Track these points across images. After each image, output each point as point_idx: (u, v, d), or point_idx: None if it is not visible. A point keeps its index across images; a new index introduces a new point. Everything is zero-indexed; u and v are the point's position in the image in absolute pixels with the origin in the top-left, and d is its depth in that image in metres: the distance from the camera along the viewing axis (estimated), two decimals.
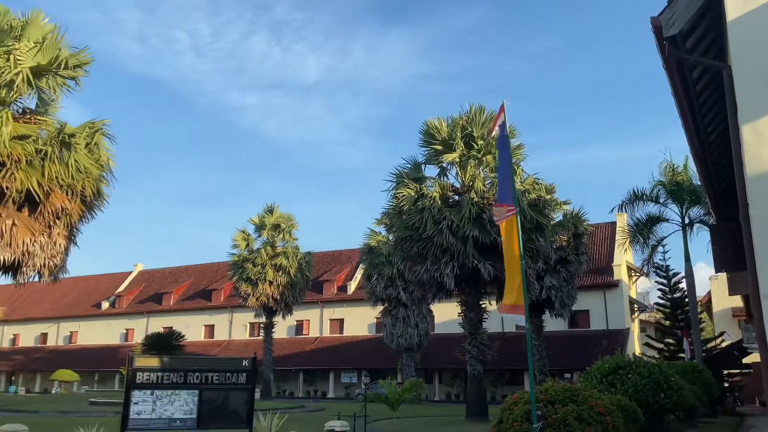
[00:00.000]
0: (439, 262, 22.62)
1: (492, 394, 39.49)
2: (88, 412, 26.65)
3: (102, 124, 18.45)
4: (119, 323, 62.65)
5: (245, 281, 41.71)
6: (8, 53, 16.82)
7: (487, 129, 23.34)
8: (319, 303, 53.37)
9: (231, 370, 13.75)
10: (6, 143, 16.06)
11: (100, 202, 19.10)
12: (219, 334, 57.27)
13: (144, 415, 12.97)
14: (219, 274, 60.56)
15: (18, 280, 18.55)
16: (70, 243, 18.80)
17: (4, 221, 16.67)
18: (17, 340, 68.38)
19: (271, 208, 43.79)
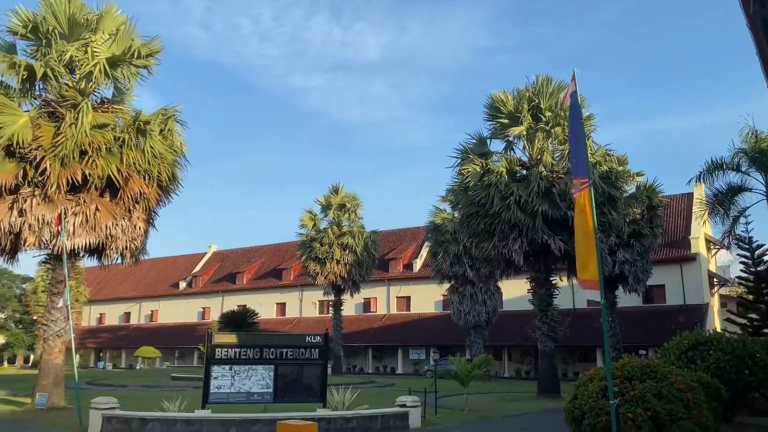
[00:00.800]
0: (507, 238, 22.31)
1: (563, 371, 38.88)
2: (170, 386, 28.09)
3: (174, 110, 19.11)
4: (196, 302, 65.38)
5: (313, 260, 42.56)
6: (85, 46, 17.61)
7: (555, 100, 22.66)
8: (386, 281, 53.84)
9: (304, 345, 14.15)
10: (87, 132, 16.89)
11: (175, 186, 19.87)
12: (290, 311, 58.84)
13: (223, 389, 13.56)
14: (288, 254, 62.01)
15: (102, 262, 19.65)
16: (149, 226, 19.69)
17: (88, 206, 17.62)
18: (103, 318, 72.62)
19: (337, 188, 44.31)
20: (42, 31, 17.50)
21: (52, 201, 17.08)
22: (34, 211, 16.83)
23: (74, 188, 17.48)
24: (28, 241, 17.13)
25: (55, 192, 16.93)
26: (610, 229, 23.60)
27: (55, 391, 17.58)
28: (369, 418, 13.19)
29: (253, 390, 13.66)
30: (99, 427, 12.72)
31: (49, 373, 17.84)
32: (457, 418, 16.04)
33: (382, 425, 13.27)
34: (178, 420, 12.46)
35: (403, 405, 13.91)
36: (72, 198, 17.50)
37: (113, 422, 12.71)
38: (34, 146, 16.66)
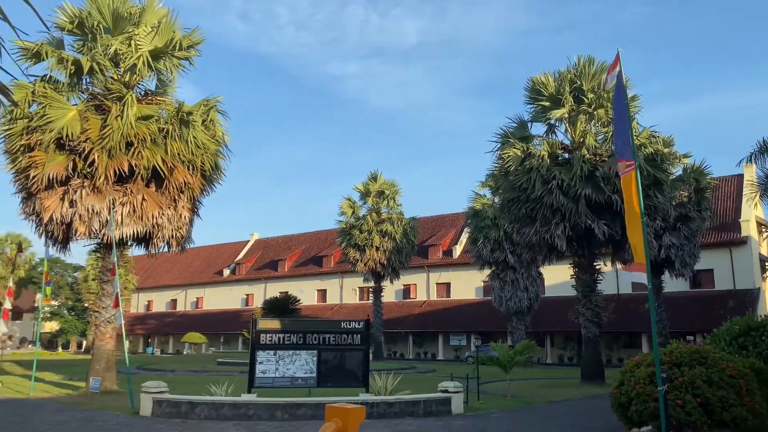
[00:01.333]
0: (549, 223, 21.99)
1: (607, 357, 38.30)
2: (216, 371, 28.80)
3: (215, 101, 19.40)
4: (239, 289, 66.67)
5: (353, 247, 42.85)
6: (129, 39, 18.00)
7: (598, 81, 22.13)
8: (425, 267, 53.83)
9: (346, 331, 14.29)
10: (132, 124, 17.31)
11: (218, 176, 20.22)
12: (330, 298, 59.46)
13: (269, 373, 13.82)
14: (329, 241, 62.53)
15: (150, 251, 20.20)
16: (194, 215, 20.11)
17: (135, 197, 18.11)
18: (151, 305, 74.77)
19: (375, 175, 44.38)
20: (87, 26, 17.96)
21: (101, 192, 17.61)
22: (84, 202, 17.39)
23: (121, 179, 17.98)
24: (79, 230, 17.72)
25: (104, 183, 17.44)
26: (655, 213, 23.03)
27: (107, 375, 18.23)
28: (411, 403, 13.27)
29: (297, 375, 13.89)
30: (150, 410, 13.14)
31: (102, 358, 18.50)
32: (500, 403, 16.00)
33: (425, 410, 13.33)
34: (226, 404, 12.77)
35: (446, 390, 13.94)
36: (119, 188, 18.00)
37: (163, 405, 13.12)
38: (82, 138, 17.18)
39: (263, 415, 12.55)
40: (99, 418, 12.82)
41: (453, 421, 12.51)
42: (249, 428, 11.32)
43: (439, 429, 11.39)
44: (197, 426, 11.60)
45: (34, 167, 17.20)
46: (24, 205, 18.38)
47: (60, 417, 12.87)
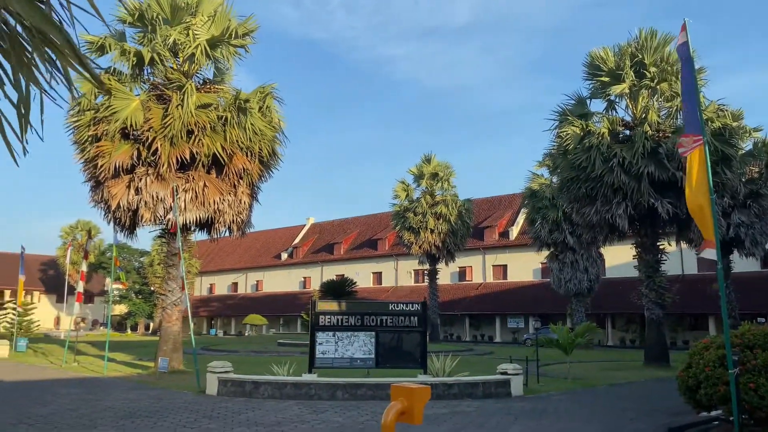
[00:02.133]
0: (610, 202, 21.38)
1: (672, 340, 37.17)
2: (277, 351, 29.54)
3: (271, 88, 19.67)
4: (297, 272, 67.99)
5: (407, 230, 42.87)
6: (187, 29, 18.41)
7: (660, 54, 21.22)
8: (481, 249, 53.39)
9: (403, 313, 14.37)
10: (192, 112, 17.76)
11: (275, 161, 20.56)
12: (386, 280, 59.87)
13: (328, 354, 14.08)
14: (383, 224, 62.83)
15: (212, 235, 20.79)
16: (253, 200, 20.55)
17: (196, 183, 18.64)
18: (213, 288, 77.20)
19: (429, 158, 44.14)
20: (147, 18, 18.47)
21: (164, 179, 18.21)
22: (149, 189, 18.03)
23: (183, 166, 18.53)
24: (145, 217, 18.40)
25: (167, 170, 18.03)
26: (723, 190, 22.06)
27: (174, 355, 18.97)
28: (470, 385, 13.26)
29: (356, 356, 14.09)
30: (216, 389, 13.61)
31: (169, 339, 19.25)
32: (560, 386, 15.79)
33: (484, 392, 13.29)
34: (288, 383, 13.09)
35: (505, 372, 13.85)
36: (182, 176, 18.56)
37: (228, 385, 13.56)
38: (145, 128, 17.76)
39: (324, 394, 12.81)
40: (168, 396, 13.37)
41: (513, 403, 12.44)
42: (311, 407, 11.58)
43: (498, 411, 11.35)
44: (261, 405, 11.95)
45: (101, 156, 17.94)
46: (93, 194, 19.21)
47: (132, 395, 13.50)
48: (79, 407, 11.47)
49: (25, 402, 12.22)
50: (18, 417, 10.30)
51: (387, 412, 2.80)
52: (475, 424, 9.85)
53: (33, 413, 10.73)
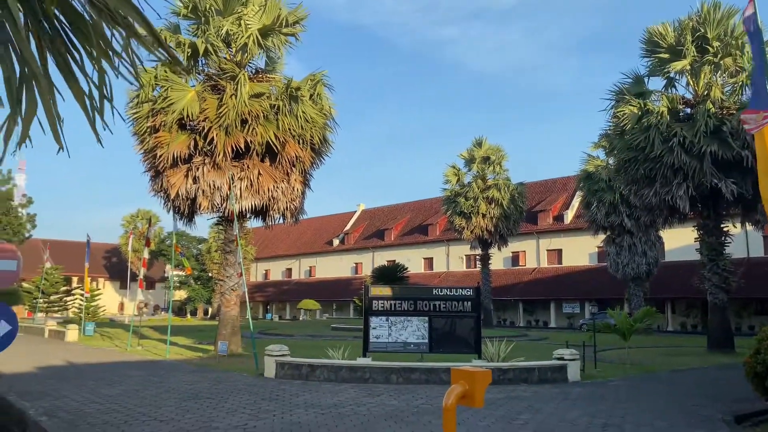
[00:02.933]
0: (670, 183, 20.65)
1: (736, 325, 35.79)
2: (331, 336, 29.98)
3: (321, 75, 19.78)
4: (349, 258, 68.66)
5: (459, 215, 42.56)
6: (239, 19, 18.68)
7: (724, 28, 20.24)
8: (535, 234, 52.56)
9: (456, 298, 14.32)
10: (246, 102, 18.07)
11: (327, 149, 20.72)
12: (437, 266, 59.76)
13: (382, 339, 14.19)
14: (433, 210, 62.64)
15: (267, 222, 21.18)
16: (305, 187, 20.80)
17: (251, 171, 18.99)
18: (268, 274, 78.85)
19: (480, 141, 43.59)
20: (200, 10, 18.83)
21: (220, 168, 18.63)
22: (206, 178, 18.49)
23: (238, 155, 18.91)
24: (203, 205, 18.90)
25: (223, 159, 18.43)
26: None
27: (233, 339, 19.50)
28: (526, 370, 13.13)
29: (410, 340, 14.15)
30: (273, 372, 13.94)
31: (227, 323, 19.79)
32: (619, 371, 15.45)
33: (540, 377, 13.15)
34: (343, 366, 13.28)
35: (561, 358, 13.65)
36: (237, 164, 18.95)
37: (285, 368, 13.86)
38: (201, 118, 18.19)
39: (378, 378, 12.93)
40: (228, 378, 13.78)
41: (570, 389, 12.25)
42: (366, 390, 11.72)
43: (555, 396, 11.21)
44: (318, 387, 12.17)
45: (160, 147, 18.48)
46: (153, 183, 19.84)
47: (193, 377, 13.97)
48: (145, 388, 11.96)
49: (94, 383, 12.82)
50: (89, 397, 10.83)
51: (448, 395, 2.80)
52: (532, 409, 9.76)
53: (103, 393, 11.26)
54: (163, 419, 8.68)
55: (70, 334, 27.57)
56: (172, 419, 8.68)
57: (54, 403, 10.10)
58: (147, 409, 9.58)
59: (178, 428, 8.04)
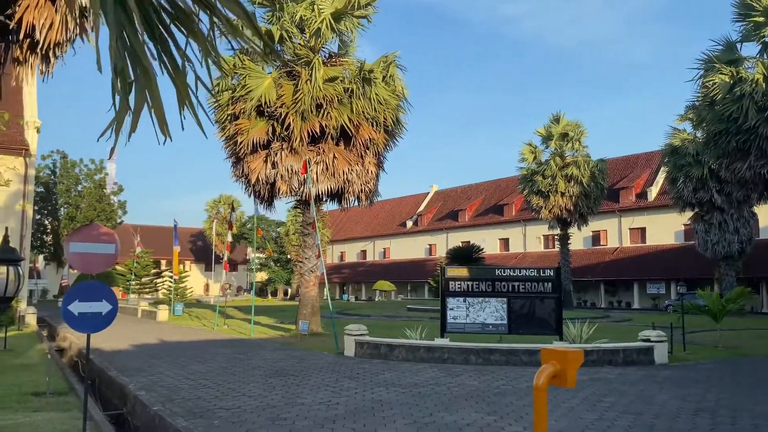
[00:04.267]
0: (766, 156, 19.30)
1: None
2: (407, 316, 30.20)
3: (393, 56, 19.73)
4: (422, 239, 68.73)
5: (536, 194, 41.56)
6: (312, 4, 18.88)
7: None
8: (617, 212, 50.67)
9: (536, 279, 14.07)
10: (320, 86, 18.30)
11: (400, 130, 20.71)
12: (513, 246, 58.81)
13: (459, 319, 14.17)
14: (509, 189, 61.56)
15: (342, 205, 21.48)
16: (379, 170, 20.90)
17: (326, 155, 19.28)
18: (343, 256, 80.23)
19: (557, 117, 42.24)
20: None
21: (297, 152, 19.02)
22: (284, 163, 18.94)
23: (314, 139, 19.22)
24: (281, 189, 19.40)
25: (299, 144, 18.81)
26: None
27: (313, 319, 20.01)
28: (610, 352, 12.76)
29: (488, 321, 14.05)
30: (353, 351, 14.22)
31: (307, 303, 20.31)
32: (710, 354, 14.75)
33: (625, 359, 12.75)
34: (421, 347, 13.37)
35: (647, 339, 13.17)
36: (313, 149, 19.28)
37: (364, 347, 14.11)
38: (278, 104, 18.58)
39: (457, 358, 12.93)
40: (310, 357, 14.18)
41: (657, 371, 11.82)
42: (445, 370, 11.75)
43: (642, 378, 10.84)
44: (397, 366, 12.32)
45: (240, 134, 19.07)
46: (234, 169, 20.53)
47: (277, 355, 14.47)
48: (232, 366, 12.50)
49: (185, 360, 13.52)
50: (181, 373, 11.44)
51: (539, 375, 2.75)
52: (617, 391, 9.49)
53: (194, 370, 11.86)
54: (251, 395, 9.05)
55: (160, 314, 29.15)
56: (260, 395, 9.03)
57: (150, 378, 10.74)
58: (236, 385, 10.01)
59: (265, 404, 8.36)
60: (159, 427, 7.42)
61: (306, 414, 7.67)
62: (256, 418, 7.45)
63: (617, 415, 7.74)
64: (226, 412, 7.83)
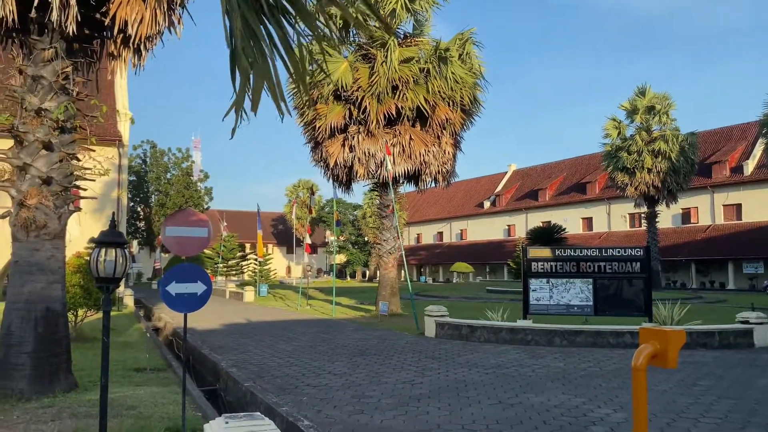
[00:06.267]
0: None
1: None
2: (487, 298, 29.92)
3: (470, 33, 19.41)
4: (501, 220, 67.68)
5: (621, 171, 39.89)
6: None
7: None
8: (708, 188, 47.88)
9: (624, 259, 13.57)
10: (396, 68, 18.28)
11: (477, 109, 20.41)
12: (597, 226, 56.87)
13: (542, 301, 13.89)
14: (592, 167, 59.46)
15: (419, 187, 21.48)
16: (456, 150, 20.73)
17: (403, 137, 19.29)
18: (420, 238, 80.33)
19: (643, 90, 40.21)
20: None
21: (374, 135, 19.14)
22: (361, 146, 19.11)
23: (390, 122, 19.27)
24: (359, 172, 19.61)
25: (376, 127, 18.91)
26: None
27: (392, 300, 20.22)
28: (704, 334, 12.15)
29: (573, 303, 13.70)
30: (434, 332, 14.27)
31: (387, 285, 20.53)
32: None
33: (720, 342, 12.10)
34: (503, 328, 13.22)
35: (746, 321, 12.43)
36: (389, 131, 19.34)
37: (445, 328, 14.12)
38: (354, 88, 18.73)
39: (541, 340, 12.71)
40: (391, 337, 14.35)
41: (757, 355, 11.14)
42: (528, 352, 11.58)
43: (740, 362, 10.26)
44: (478, 348, 12.25)
45: (318, 119, 19.39)
46: (313, 154, 20.93)
47: (359, 335, 14.73)
48: (317, 345, 12.84)
49: (272, 339, 14.02)
50: (269, 351, 11.87)
51: (637, 355, 2.66)
52: (713, 375, 9.03)
53: (280, 348, 12.28)
54: (336, 373, 9.27)
55: (247, 295, 30.34)
56: (344, 373, 9.24)
57: (240, 356, 11.21)
58: (321, 363, 10.29)
59: (350, 381, 8.54)
60: (251, 403, 7.75)
61: (390, 392, 7.78)
62: (342, 395, 7.63)
63: (714, 399, 7.38)
64: (313, 389, 8.07)
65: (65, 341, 7.89)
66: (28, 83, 7.81)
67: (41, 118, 7.75)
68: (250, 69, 2.48)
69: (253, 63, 2.49)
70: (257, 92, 2.47)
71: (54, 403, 7.06)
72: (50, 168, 7.80)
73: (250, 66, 2.48)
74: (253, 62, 2.49)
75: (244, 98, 2.47)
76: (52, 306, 7.70)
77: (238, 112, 2.47)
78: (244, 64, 2.44)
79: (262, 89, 2.49)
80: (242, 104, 2.47)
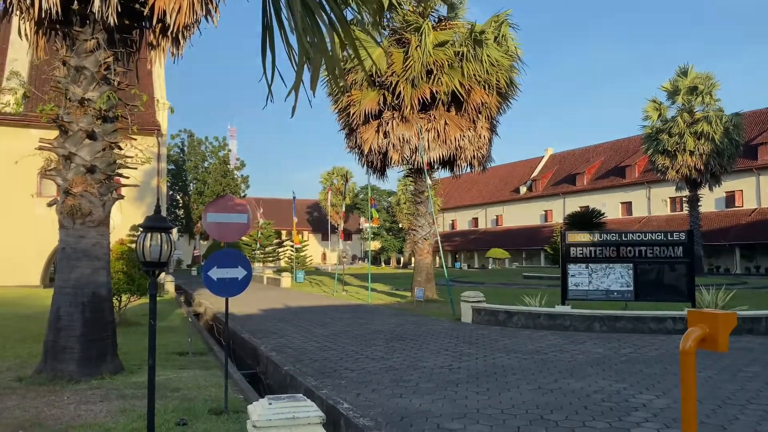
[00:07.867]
0: None
1: None
2: (524, 284, 29.70)
3: (506, 15, 19.10)
4: (537, 205, 66.84)
5: (661, 154, 38.89)
6: None
7: None
8: (754, 170, 46.33)
9: (665, 243, 13.28)
10: (430, 52, 18.11)
11: (513, 92, 20.10)
12: (636, 210, 55.68)
13: (581, 286, 13.71)
14: (631, 150, 58.17)
15: (455, 172, 21.33)
16: (492, 134, 20.48)
17: (438, 122, 19.15)
18: (455, 224, 79.94)
19: (685, 70, 39.00)
20: None
21: (408, 121, 19.05)
22: (396, 132, 19.05)
23: (424, 107, 19.13)
24: (393, 158, 19.56)
25: (410, 112, 18.81)
26: None
27: (427, 286, 20.21)
28: (751, 320, 11.82)
29: (612, 288, 13.48)
30: (470, 318, 14.22)
31: (422, 270, 20.52)
32: None
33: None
34: (541, 314, 13.10)
35: None
36: (423, 116, 19.21)
37: (482, 313, 14.06)
38: (389, 73, 18.64)
39: (579, 326, 12.55)
40: (427, 322, 14.36)
41: None
42: (567, 338, 11.46)
43: None
44: (516, 333, 12.17)
45: (353, 105, 19.38)
46: (348, 140, 20.96)
47: (395, 320, 14.79)
48: (353, 329, 12.94)
49: (309, 324, 14.18)
50: (307, 336, 12.02)
51: (686, 338, 2.59)
52: (760, 361, 8.79)
53: (318, 333, 12.42)
54: (374, 357, 9.33)
55: (284, 281, 30.73)
56: (382, 357, 9.30)
57: (279, 340, 11.38)
58: (358, 347, 10.37)
59: (388, 366, 8.59)
60: (291, 386, 7.86)
61: (428, 377, 7.80)
62: (381, 378, 7.69)
63: (761, 386, 7.18)
64: (352, 372, 8.14)
65: (111, 325, 8.13)
66: (71, 74, 8.01)
67: (84, 108, 7.94)
68: (311, 50, 2.56)
69: (312, 43, 2.55)
70: (315, 72, 2.56)
71: (102, 384, 7.29)
72: (94, 156, 7.99)
73: (310, 46, 2.55)
74: (312, 43, 2.55)
75: (301, 77, 2.55)
76: (98, 291, 7.93)
77: (296, 92, 2.54)
78: (305, 45, 2.52)
79: (319, 69, 2.56)
80: (299, 84, 2.56)
